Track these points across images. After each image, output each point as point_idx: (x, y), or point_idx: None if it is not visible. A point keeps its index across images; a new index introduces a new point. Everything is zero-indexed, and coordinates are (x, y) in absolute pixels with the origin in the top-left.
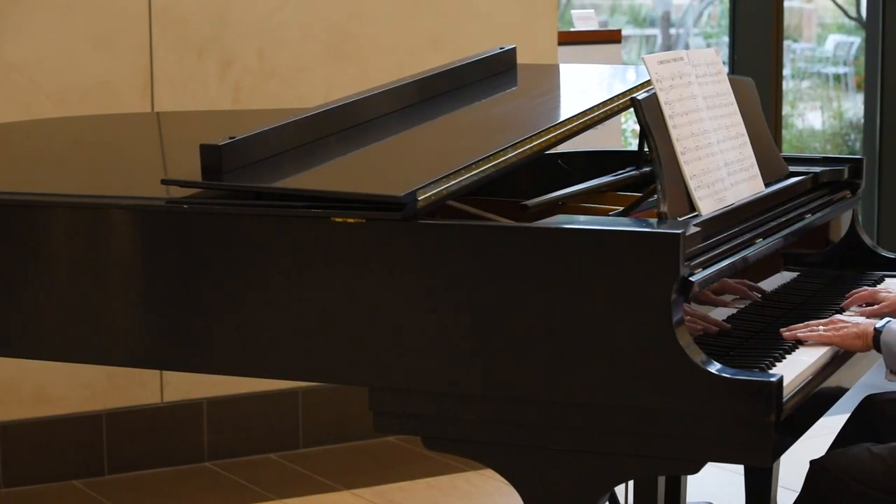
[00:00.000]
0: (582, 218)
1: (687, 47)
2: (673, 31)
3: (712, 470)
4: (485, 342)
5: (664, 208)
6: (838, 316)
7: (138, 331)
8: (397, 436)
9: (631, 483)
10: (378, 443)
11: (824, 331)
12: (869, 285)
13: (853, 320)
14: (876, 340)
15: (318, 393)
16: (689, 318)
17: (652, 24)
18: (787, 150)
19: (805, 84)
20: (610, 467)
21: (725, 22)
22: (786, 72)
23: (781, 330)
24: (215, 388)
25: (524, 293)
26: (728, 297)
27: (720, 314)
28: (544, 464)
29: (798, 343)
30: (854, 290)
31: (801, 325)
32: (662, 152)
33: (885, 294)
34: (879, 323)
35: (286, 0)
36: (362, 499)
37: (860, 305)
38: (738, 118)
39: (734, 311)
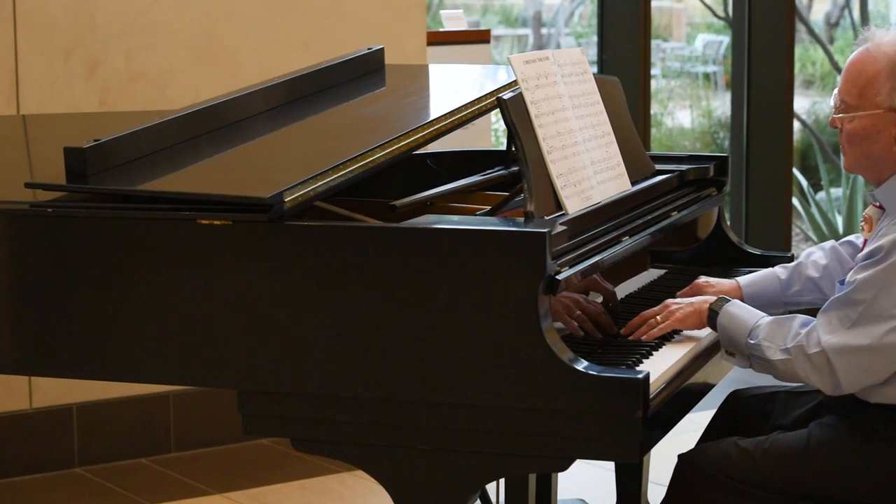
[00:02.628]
0: (449, 218)
1: (558, 47)
2: (544, 30)
3: (583, 467)
4: (352, 343)
5: (531, 207)
6: (670, 301)
7: (5, 336)
8: (270, 438)
9: (502, 481)
10: (250, 445)
11: (661, 319)
12: None
13: (685, 300)
14: (711, 319)
15: (190, 396)
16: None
17: (524, 24)
18: (656, 149)
19: (675, 83)
20: (479, 466)
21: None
22: (656, 71)
23: (622, 331)
24: (85, 393)
25: (392, 294)
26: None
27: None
28: (413, 463)
29: (664, 340)
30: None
31: (637, 320)
32: (529, 152)
33: (706, 287)
34: (714, 300)
35: (154, 1)
36: (235, 502)
37: None
38: (604, 117)
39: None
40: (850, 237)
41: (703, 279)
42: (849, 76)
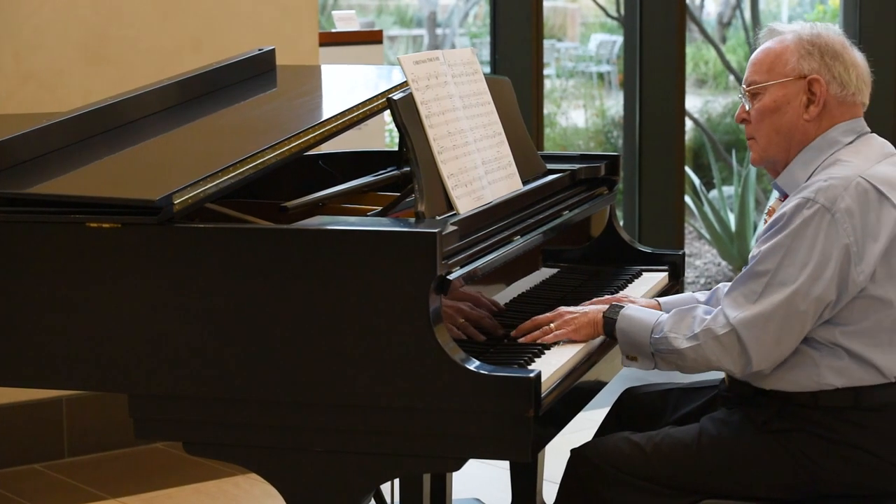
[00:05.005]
0: (340, 219)
1: (453, 47)
2: (439, 31)
3: (478, 466)
4: (243, 345)
5: (422, 208)
6: (564, 308)
7: None
8: (164, 442)
9: (396, 481)
10: (145, 450)
11: (556, 327)
12: (626, 279)
13: (579, 309)
14: (608, 327)
15: (83, 401)
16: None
17: (419, 24)
18: (551, 148)
19: (569, 83)
20: (372, 467)
21: None
22: (550, 71)
23: (513, 333)
24: None
25: (283, 295)
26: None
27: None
28: (305, 465)
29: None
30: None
31: (528, 324)
32: (419, 152)
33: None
34: (608, 308)
35: (43, 3)
36: None
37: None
38: (495, 117)
39: (495, 308)
40: None
41: (623, 294)
42: (757, 59)
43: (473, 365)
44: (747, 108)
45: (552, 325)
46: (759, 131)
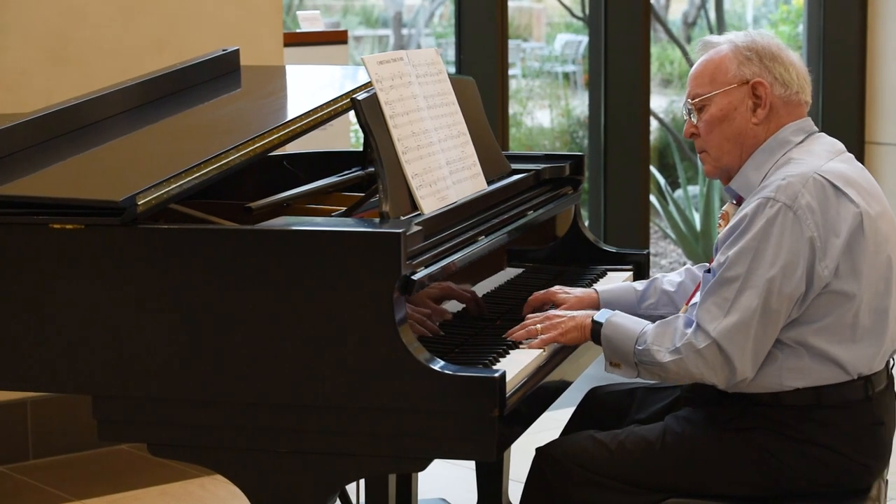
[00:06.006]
0: (304, 219)
1: (419, 47)
2: (405, 31)
3: (444, 466)
4: (207, 346)
5: (386, 208)
6: (552, 311)
7: None
8: (129, 444)
9: (362, 481)
10: (110, 451)
11: (543, 329)
12: (591, 279)
13: (567, 313)
14: (595, 333)
15: (48, 403)
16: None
17: (384, 24)
18: (516, 148)
19: (535, 83)
20: (336, 467)
21: None
22: (516, 71)
23: (505, 335)
24: None
25: (247, 296)
26: (451, 304)
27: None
28: (270, 466)
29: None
30: (534, 294)
31: (518, 327)
32: (383, 152)
33: (563, 296)
34: (597, 315)
35: (4, 3)
36: None
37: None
38: (460, 117)
39: (459, 307)
40: (704, 263)
41: (558, 288)
42: (696, 73)
43: (438, 365)
44: (694, 121)
45: (538, 326)
46: (709, 143)
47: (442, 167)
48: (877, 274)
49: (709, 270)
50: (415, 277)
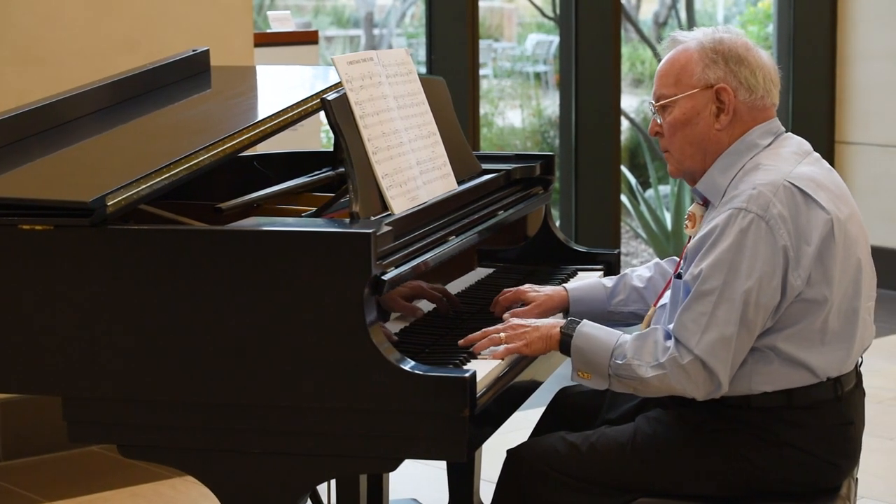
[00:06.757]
0: (274, 220)
1: (390, 47)
2: (376, 31)
3: (416, 466)
4: (177, 347)
5: (356, 208)
6: (515, 320)
7: None
8: (100, 445)
9: (333, 482)
10: (81, 453)
11: (506, 339)
12: (562, 279)
13: (532, 322)
14: (564, 344)
15: (18, 404)
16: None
17: (356, 24)
18: (488, 148)
19: (506, 83)
20: (307, 468)
21: None
22: (487, 71)
23: (460, 342)
24: None
25: (217, 297)
26: (422, 303)
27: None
28: (240, 467)
29: None
30: (503, 292)
31: (478, 334)
32: (354, 152)
33: (533, 294)
34: (565, 325)
35: None
36: None
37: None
38: (430, 117)
39: (430, 307)
40: (673, 256)
41: (527, 286)
42: (662, 72)
43: (408, 365)
44: (659, 121)
45: (502, 335)
46: (672, 144)
47: (412, 167)
48: (847, 278)
49: (679, 276)
50: (385, 277)
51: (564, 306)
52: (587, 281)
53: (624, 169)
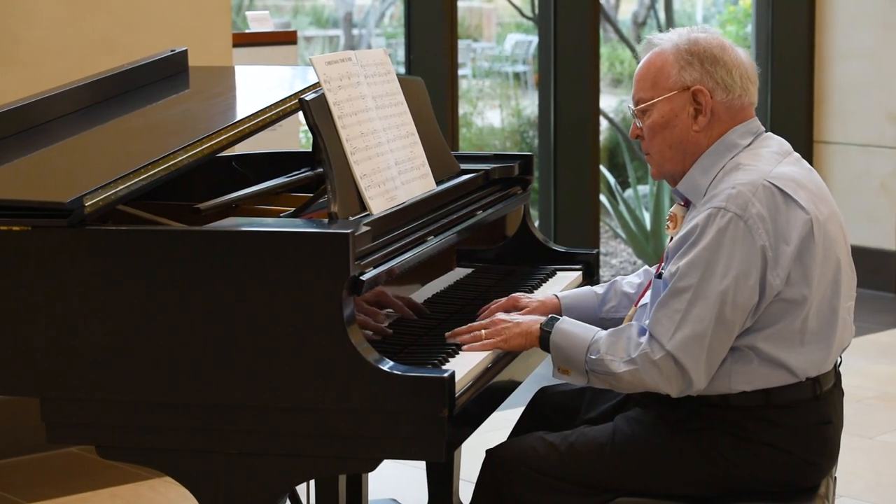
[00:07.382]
0: (253, 220)
1: (369, 47)
2: (356, 31)
3: (395, 466)
4: (154, 348)
5: (335, 208)
6: (500, 315)
7: None
8: (79, 446)
9: (312, 482)
10: (59, 454)
11: (487, 335)
12: (541, 278)
13: (514, 319)
14: (543, 340)
15: None
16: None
17: (335, 25)
18: (467, 148)
19: (485, 83)
20: (286, 468)
21: None
22: (466, 71)
23: (447, 335)
24: None
25: (196, 298)
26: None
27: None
28: (218, 467)
29: None
30: (492, 303)
31: (464, 328)
32: (332, 152)
33: (526, 301)
34: (544, 322)
35: None
36: None
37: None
38: (408, 117)
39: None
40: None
41: (519, 294)
42: (640, 76)
43: (387, 365)
44: (639, 125)
45: (483, 331)
46: (652, 147)
47: (391, 167)
48: (826, 278)
49: (659, 276)
50: (363, 278)
51: (557, 313)
52: (578, 290)
53: (603, 169)
